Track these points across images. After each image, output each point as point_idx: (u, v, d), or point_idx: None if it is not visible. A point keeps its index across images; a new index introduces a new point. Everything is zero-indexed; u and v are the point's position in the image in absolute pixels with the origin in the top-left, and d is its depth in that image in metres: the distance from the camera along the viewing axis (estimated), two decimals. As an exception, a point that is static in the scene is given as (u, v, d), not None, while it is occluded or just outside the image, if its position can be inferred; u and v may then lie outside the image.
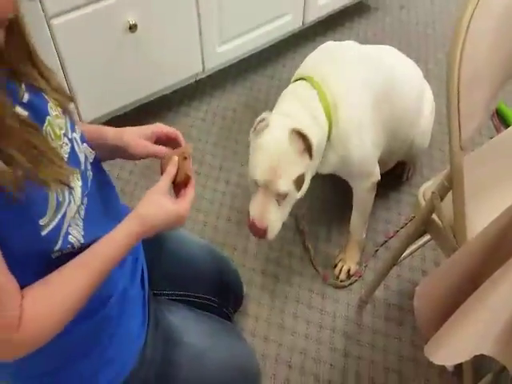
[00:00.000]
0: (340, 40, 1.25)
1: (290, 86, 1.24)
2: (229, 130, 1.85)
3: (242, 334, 1.34)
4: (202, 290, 1.15)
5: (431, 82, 1.58)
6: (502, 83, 0.98)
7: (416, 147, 1.51)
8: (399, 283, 1.47)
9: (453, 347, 0.72)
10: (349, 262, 1.47)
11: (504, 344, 0.69)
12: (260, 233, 1.16)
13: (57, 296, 0.70)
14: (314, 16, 2.03)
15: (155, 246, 1.07)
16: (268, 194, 1.13)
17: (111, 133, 0.90)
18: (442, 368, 1.30)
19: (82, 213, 0.75)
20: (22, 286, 0.67)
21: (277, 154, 1.09)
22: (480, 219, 0.78)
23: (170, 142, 0.92)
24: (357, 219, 1.43)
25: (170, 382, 0.95)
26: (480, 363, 1.27)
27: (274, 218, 1.15)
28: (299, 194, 1.16)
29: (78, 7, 1.42)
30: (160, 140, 0.92)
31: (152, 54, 1.66)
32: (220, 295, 1.19)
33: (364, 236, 1.48)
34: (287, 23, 1.96)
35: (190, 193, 0.84)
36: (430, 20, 2.26)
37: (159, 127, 0.92)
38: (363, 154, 1.25)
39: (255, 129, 1.14)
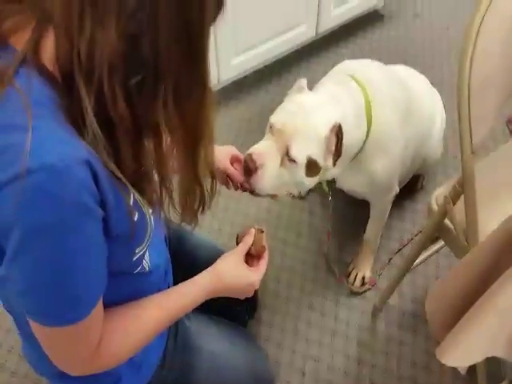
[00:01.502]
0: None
1: (333, 76, 1.17)
2: (243, 140, 1.86)
3: (256, 340, 1.35)
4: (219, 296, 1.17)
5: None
6: (513, 88, 0.98)
7: (429, 159, 1.51)
8: (413, 291, 1.47)
9: (464, 349, 0.72)
10: (363, 270, 1.47)
11: (516, 346, 0.69)
12: (252, 165, 1.01)
13: (132, 330, 0.76)
14: (327, 26, 2.06)
15: (175, 252, 1.09)
16: (278, 145, 1.02)
17: None
18: (455, 375, 1.29)
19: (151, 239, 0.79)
20: None
21: (309, 121, 1.00)
22: (492, 223, 0.78)
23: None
24: (373, 230, 1.43)
25: None
26: (495, 369, 1.25)
27: (271, 167, 1.02)
28: (307, 181, 1.06)
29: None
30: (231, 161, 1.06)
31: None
32: (235, 302, 1.20)
33: (378, 244, 1.48)
34: (301, 34, 1.98)
35: (263, 265, 0.95)
36: (444, 27, 2.26)
37: (235, 152, 1.06)
38: (391, 171, 1.21)
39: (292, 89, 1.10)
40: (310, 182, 1.07)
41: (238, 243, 0.96)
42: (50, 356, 0.68)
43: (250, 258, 0.95)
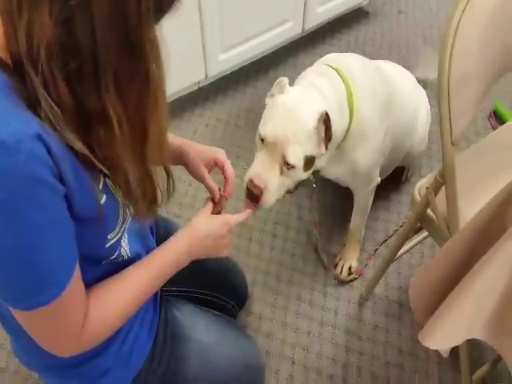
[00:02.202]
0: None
1: (314, 68, 1.19)
2: (231, 135, 1.89)
3: (246, 331, 1.38)
4: (208, 287, 1.19)
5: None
6: (491, 81, 1.02)
7: (414, 152, 1.54)
8: (399, 280, 1.51)
9: (445, 332, 0.76)
10: (350, 260, 1.51)
11: (494, 327, 0.73)
12: (256, 191, 1.05)
13: (117, 297, 0.75)
14: (313, 23, 2.09)
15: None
16: (273, 157, 1.05)
17: (178, 142, 0.97)
18: (440, 361, 1.33)
19: (126, 226, 0.78)
20: None
21: (297, 120, 1.02)
22: (473, 212, 0.81)
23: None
24: (357, 220, 1.47)
25: (178, 377, 0.97)
26: (477, 353, 1.30)
27: (273, 183, 1.06)
28: (305, 175, 1.10)
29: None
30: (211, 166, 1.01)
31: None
32: (225, 293, 1.23)
33: (363, 234, 1.52)
34: (287, 30, 2.01)
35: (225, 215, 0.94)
36: (428, 24, 2.30)
37: (221, 159, 0.99)
38: (371, 160, 1.25)
39: (273, 91, 1.11)
40: (308, 174, 1.12)
41: None
42: (36, 339, 0.68)
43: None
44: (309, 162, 1.07)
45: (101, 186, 0.66)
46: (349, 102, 1.12)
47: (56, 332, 0.68)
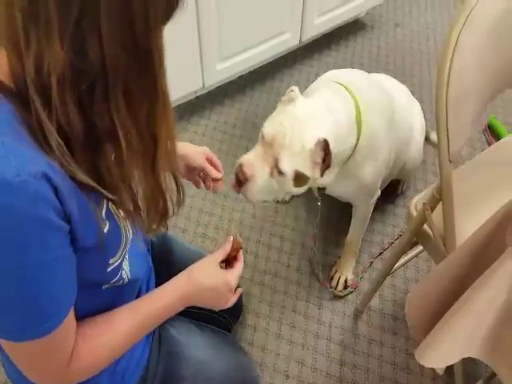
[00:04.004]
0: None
1: (325, 83, 1.18)
2: (228, 144, 1.89)
3: (241, 344, 1.37)
4: None
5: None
6: (489, 98, 1.03)
7: (409, 166, 1.54)
8: (394, 294, 1.51)
9: (441, 350, 0.75)
10: (345, 273, 1.51)
11: (489, 346, 0.72)
12: (242, 176, 1.05)
13: (106, 339, 0.74)
14: (310, 34, 2.10)
15: (159, 260, 1.10)
16: (267, 156, 1.05)
17: None
18: (434, 376, 1.33)
19: (128, 249, 0.78)
20: None
21: (298, 135, 1.02)
22: (469, 229, 0.81)
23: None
24: (355, 232, 1.46)
25: None
26: (471, 369, 1.30)
27: (261, 178, 1.05)
28: (295, 190, 1.09)
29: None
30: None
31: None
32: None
33: (359, 246, 1.52)
34: (285, 41, 2.01)
35: (238, 266, 0.93)
36: (424, 38, 2.32)
37: (209, 152, 1.06)
38: (377, 174, 1.24)
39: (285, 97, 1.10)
40: (299, 190, 1.10)
41: None
42: (23, 371, 0.67)
43: (229, 264, 0.95)
44: (300, 178, 1.06)
45: (103, 213, 0.66)
46: (357, 118, 1.12)
47: (42, 365, 0.67)
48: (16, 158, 0.52)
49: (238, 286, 0.94)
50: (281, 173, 1.04)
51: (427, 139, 1.61)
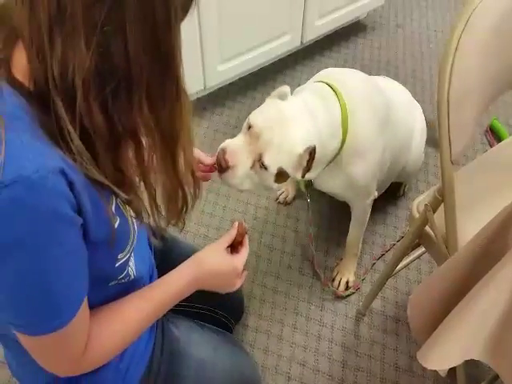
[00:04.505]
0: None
1: (312, 85, 1.19)
2: (229, 145, 1.89)
3: (243, 345, 1.37)
4: (205, 301, 1.18)
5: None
6: (491, 99, 1.03)
7: (409, 169, 1.54)
8: (396, 295, 1.50)
9: (444, 352, 0.75)
10: (347, 274, 1.50)
11: (492, 348, 0.72)
12: (223, 164, 1.03)
13: (119, 326, 0.75)
14: (312, 36, 2.10)
15: (162, 257, 1.10)
16: (252, 147, 1.04)
17: None
18: (437, 378, 1.32)
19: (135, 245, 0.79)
20: None
21: (287, 137, 1.03)
22: (471, 230, 0.81)
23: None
24: (354, 233, 1.46)
25: None
26: (474, 372, 1.29)
27: (241, 169, 1.04)
28: (275, 185, 1.09)
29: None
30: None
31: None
32: (221, 307, 1.22)
33: (360, 248, 1.52)
34: (286, 43, 2.01)
35: (244, 250, 0.95)
36: (425, 38, 2.32)
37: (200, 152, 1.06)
38: (368, 175, 1.24)
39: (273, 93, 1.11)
40: (279, 186, 1.11)
41: None
42: (39, 361, 0.69)
43: (234, 249, 0.97)
44: (281, 175, 1.06)
45: (113, 208, 0.67)
46: (343, 119, 1.12)
47: (58, 356, 0.68)
48: (35, 154, 0.53)
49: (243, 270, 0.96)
50: (263, 167, 1.04)
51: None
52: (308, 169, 1.06)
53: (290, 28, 1.97)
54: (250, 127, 1.06)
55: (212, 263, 0.88)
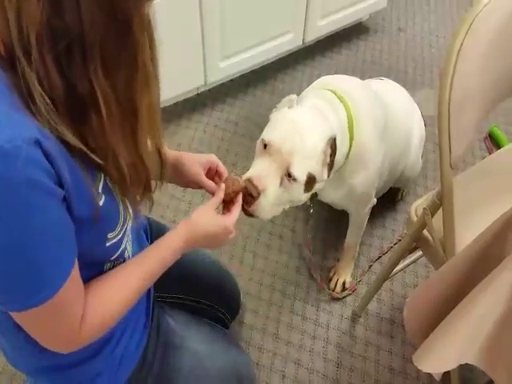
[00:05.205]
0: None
1: (316, 91, 1.18)
2: (229, 142, 1.89)
3: (238, 342, 1.37)
4: (202, 295, 1.18)
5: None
6: (492, 105, 1.03)
7: (408, 174, 1.54)
8: (392, 298, 1.51)
9: (439, 355, 0.76)
10: (344, 276, 1.51)
11: (488, 354, 0.73)
12: (254, 191, 1.00)
13: (115, 291, 0.75)
14: (313, 35, 2.10)
15: None
16: (276, 164, 1.02)
17: (171, 152, 0.98)
18: (430, 381, 1.33)
19: (128, 228, 0.79)
20: None
21: (306, 138, 1.01)
22: (468, 235, 0.82)
23: (217, 176, 1.02)
24: (352, 237, 1.46)
25: None
26: (468, 376, 1.30)
27: (272, 189, 1.02)
28: (304, 197, 1.07)
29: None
30: (210, 171, 1.01)
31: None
32: (218, 302, 1.22)
33: (357, 250, 1.52)
34: (288, 42, 2.01)
35: (235, 209, 0.95)
36: (427, 43, 2.32)
37: (214, 160, 1.01)
38: (369, 184, 1.24)
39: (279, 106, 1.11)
40: (306, 196, 1.09)
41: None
42: (36, 337, 0.68)
43: (227, 207, 0.97)
44: (310, 182, 1.05)
45: (100, 187, 0.67)
46: (349, 127, 1.12)
47: (55, 329, 0.68)
48: (8, 124, 0.53)
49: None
50: (292, 179, 1.02)
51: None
52: (331, 166, 1.06)
53: (292, 27, 1.98)
54: (265, 146, 1.05)
55: (202, 225, 0.88)
